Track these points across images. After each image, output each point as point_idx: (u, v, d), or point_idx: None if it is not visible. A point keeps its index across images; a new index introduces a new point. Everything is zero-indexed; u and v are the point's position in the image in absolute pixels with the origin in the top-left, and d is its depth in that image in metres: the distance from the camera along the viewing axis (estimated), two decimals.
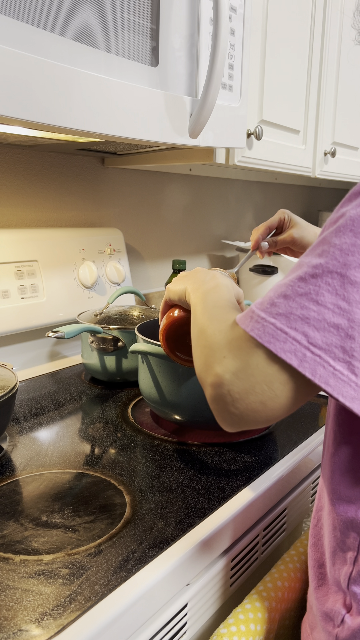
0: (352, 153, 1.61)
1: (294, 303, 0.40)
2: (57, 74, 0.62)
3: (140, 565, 0.53)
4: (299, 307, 0.40)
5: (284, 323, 0.40)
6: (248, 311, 0.44)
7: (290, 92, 1.24)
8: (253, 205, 1.94)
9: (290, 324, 0.40)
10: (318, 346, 0.39)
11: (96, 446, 0.77)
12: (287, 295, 0.41)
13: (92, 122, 0.67)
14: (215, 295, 0.58)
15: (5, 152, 1.11)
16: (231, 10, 0.87)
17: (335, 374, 0.39)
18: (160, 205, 1.52)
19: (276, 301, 0.41)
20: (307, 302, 0.40)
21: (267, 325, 0.41)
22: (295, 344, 0.39)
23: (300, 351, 0.39)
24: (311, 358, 0.39)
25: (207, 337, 0.49)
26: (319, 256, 0.41)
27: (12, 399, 0.73)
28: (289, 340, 0.40)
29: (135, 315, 1.05)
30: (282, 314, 0.40)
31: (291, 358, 0.39)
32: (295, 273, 0.42)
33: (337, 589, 0.55)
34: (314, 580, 0.58)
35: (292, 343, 0.40)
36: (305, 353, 0.39)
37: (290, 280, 0.42)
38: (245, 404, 0.43)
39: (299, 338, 0.39)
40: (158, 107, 0.76)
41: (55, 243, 1.15)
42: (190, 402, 0.76)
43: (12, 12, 0.57)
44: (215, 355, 0.46)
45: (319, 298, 0.39)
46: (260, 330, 0.41)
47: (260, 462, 0.74)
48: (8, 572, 0.51)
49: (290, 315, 0.40)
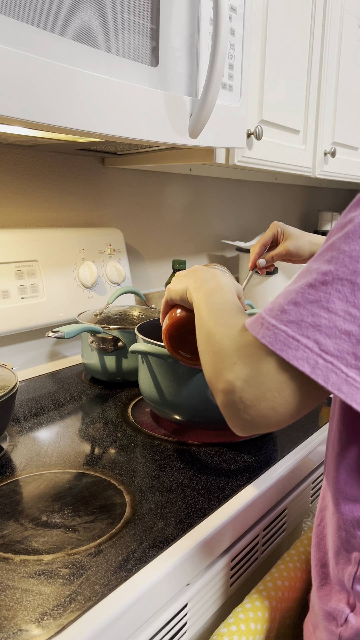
0: (352, 153, 1.61)
1: (305, 310, 0.40)
2: (57, 74, 0.62)
3: (140, 565, 0.53)
4: (310, 314, 0.40)
5: (296, 330, 0.40)
6: (258, 317, 0.44)
7: (290, 92, 1.24)
8: (253, 205, 1.94)
9: (302, 332, 0.40)
10: (330, 353, 0.39)
11: (96, 446, 0.77)
12: (298, 302, 0.41)
13: (92, 122, 0.67)
14: (218, 296, 0.58)
15: (5, 152, 1.11)
16: (231, 10, 0.87)
17: (348, 380, 0.39)
18: (160, 205, 1.52)
19: (287, 308, 0.41)
20: (318, 310, 0.40)
21: (278, 333, 0.41)
22: (308, 352, 0.40)
23: (313, 358, 0.39)
24: (323, 365, 0.39)
25: (215, 343, 0.49)
26: (328, 262, 0.41)
27: (12, 399, 0.73)
28: (301, 347, 0.40)
29: (135, 315, 1.05)
30: (293, 322, 0.41)
31: (304, 365, 0.40)
32: (305, 279, 0.42)
33: (340, 588, 0.55)
34: (316, 580, 0.58)
35: (304, 350, 0.40)
36: (318, 360, 0.39)
37: (300, 287, 0.42)
38: (256, 410, 0.43)
39: (310, 345, 0.40)
40: (158, 107, 0.76)
41: (55, 243, 1.15)
42: (190, 402, 0.76)
43: (12, 12, 0.57)
44: (225, 362, 0.46)
45: (330, 305, 0.40)
46: (272, 337, 0.41)
47: (260, 462, 0.74)
48: (8, 572, 0.51)
49: (302, 322, 0.40)
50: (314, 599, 0.60)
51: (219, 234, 1.79)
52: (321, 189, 2.41)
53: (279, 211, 2.12)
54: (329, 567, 0.57)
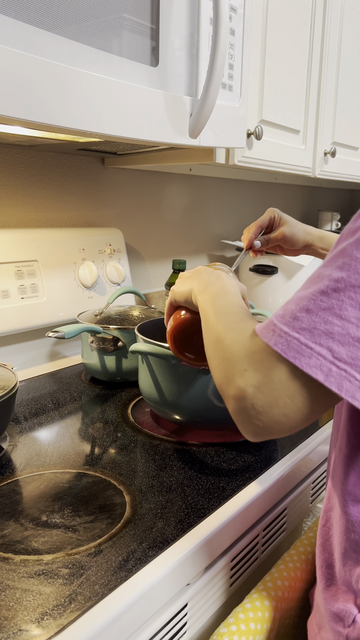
0: (352, 153, 1.61)
1: (318, 317, 0.40)
2: (57, 74, 0.62)
3: (140, 565, 0.53)
4: (322, 321, 0.40)
5: (309, 338, 0.40)
6: (268, 323, 0.44)
7: (290, 92, 1.24)
8: (253, 205, 1.94)
9: (315, 339, 0.40)
10: (343, 360, 0.39)
11: (96, 446, 0.77)
12: (310, 309, 0.41)
13: (92, 122, 0.67)
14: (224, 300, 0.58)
15: (5, 152, 1.11)
16: (231, 10, 0.87)
17: None
18: (160, 205, 1.52)
19: (299, 315, 0.41)
20: (330, 317, 0.40)
21: (291, 340, 0.41)
22: (321, 359, 0.40)
23: (326, 366, 0.39)
24: (337, 372, 0.39)
25: (224, 348, 0.49)
26: (340, 269, 0.41)
27: (12, 399, 0.73)
28: (314, 355, 0.40)
29: (135, 315, 1.05)
30: (305, 329, 0.41)
31: (317, 373, 0.40)
32: (317, 286, 0.42)
33: (347, 589, 0.55)
34: (322, 581, 0.58)
35: (317, 358, 0.40)
36: (331, 368, 0.39)
37: (312, 294, 0.42)
38: (268, 416, 0.43)
39: (324, 353, 0.40)
40: (158, 107, 0.76)
41: (55, 243, 1.15)
42: (190, 402, 0.76)
43: (12, 12, 0.57)
44: (236, 368, 0.46)
45: (343, 312, 0.40)
46: (284, 345, 0.41)
47: (260, 462, 0.74)
48: (8, 572, 0.51)
49: (314, 330, 0.40)
50: (318, 599, 0.60)
51: (219, 234, 1.79)
52: (321, 189, 2.41)
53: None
54: (335, 568, 0.57)
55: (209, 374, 0.75)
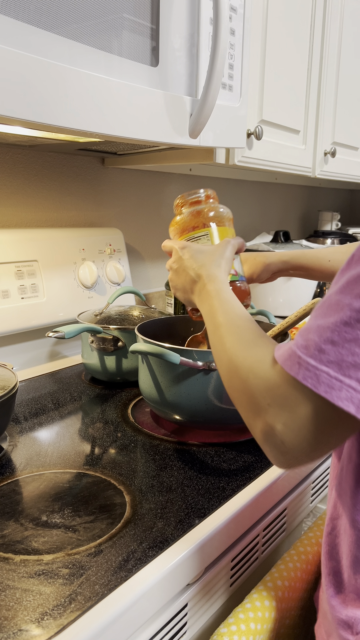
0: (352, 153, 1.61)
1: (344, 350, 0.40)
2: (57, 74, 0.62)
3: (140, 565, 0.53)
4: (349, 353, 0.40)
5: (337, 371, 0.40)
6: (291, 354, 0.43)
7: (290, 92, 1.24)
8: (253, 205, 1.94)
9: (344, 372, 0.40)
10: None
11: (96, 446, 0.77)
12: (335, 341, 0.41)
13: (92, 122, 0.67)
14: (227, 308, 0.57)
15: (5, 152, 1.11)
16: (231, 10, 0.87)
17: None
18: (160, 205, 1.52)
19: (324, 347, 0.41)
20: (356, 348, 0.40)
21: (320, 374, 0.41)
22: (351, 391, 0.40)
23: (357, 397, 0.39)
24: None
25: (243, 381, 0.49)
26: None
27: (12, 399, 0.73)
28: (344, 388, 0.40)
29: (135, 315, 1.05)
30: (333, 362, 0.40)
31: (348, 406, 0.40)
32: (338, 315, 0.41)
33: (356, 597, 0.55)
34: (329, 588, 0.58)
35: (347, 390, 0.40)
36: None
37: (334, 325, 0.41)
38: (298, 450, 0.44)
39: (354, 385, 0.40)
40: (158, 107, 0.76)
41: (55, 243, 1.15)
42: (190, 402, 0.76)
43: (11, 12, 0.57)
44: (259, 403, 0.46)
45: None
46: (314, 379, 0.41)
47: (260, 462, 0.74)
48: (8, 572, 0.51)
49: (342, 362, 0.40)
50: (325, 606, 0.59)
51: None
52: (321, 189, 2.41)
53: (279, 211, 2.12)
54: (343, 575, 0.57)
55: (209, 373, 0.75)
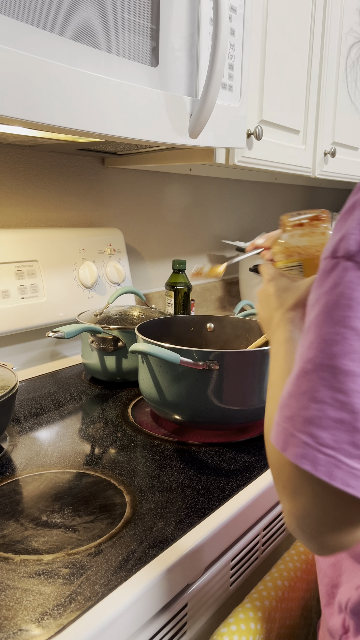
0: (352, 153, 1.61)
1: (298, 403, 0.37)
2: (57, 74, 0.62)
3: (140, 565, 0.53)
4: (302, 407, 0.37)
5: (293, 426, 0.37)
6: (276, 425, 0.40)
7: (290, 92, 1.24)
8: (253, 205, 1.94)
9: (296, 426, 0.37)
10: (328, 446, 0.35)
11: (96, 446, 0.77)
12: (292, 394, 0.38)
13: (92, 122, 0.67)
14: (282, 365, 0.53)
15: (5, 152, 1.11)
16: (231, 10, 0.87)
17: (354, 472, 0.35)
18: (160, 205, 1.52)
19: (287, 402, 0.38)
20: (307, 401, 0.37)
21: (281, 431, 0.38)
22: (306, 448, 0.36)
23: (311, 454, 0.36)
24: (324, 460, 0.35)
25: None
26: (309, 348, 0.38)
27: (12, 399, 0.73)
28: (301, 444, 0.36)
29: (135, 315, 1.05)
30: (290, 417, 0.37)
31: (304, 462, 0.36)
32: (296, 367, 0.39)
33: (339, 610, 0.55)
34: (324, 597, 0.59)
35: (302, 447, 0.36)
36: (317, 455, 0.35)
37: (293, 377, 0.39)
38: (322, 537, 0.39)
39: (308, 441, 0.36)
40: (158, 107, 0.76)
41: (55, 243, 1.15)
42: (190, 402, 0.76)
43: (12, 12, 0.57)
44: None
45: (317, 394, 0.36)
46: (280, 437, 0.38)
47: (260, 462, 0.74)
48: (8, 572, 0.51)
49: (296, 417, 0.37)
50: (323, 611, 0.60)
51: (219, 234, 1.79)
52: (321, 189, 2.41)
53: (279, 211, 2.12)
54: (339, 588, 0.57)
55: (209, 373, 0.75)
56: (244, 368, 0.76)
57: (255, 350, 0.76)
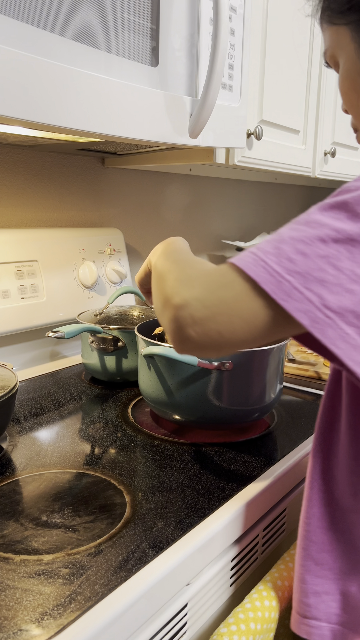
0: (352, 153, 1.61)
1: (313, 264, 0.40)
2: (57, 74, 0.62)
3: (140, 565, 0.53)
4: (317, 268, 0.40)
5: (301, 282, 0.40)
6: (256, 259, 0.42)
7: (290, 92, 1.24)
8: (253, 205, 1.94)
9: (307, 284, 0.40)
10: (332, 309, 0.39)
11: (96, 446, 0.77)
12: (307, 254, 0.40)
13: (92, 122, 0.67)
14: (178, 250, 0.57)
15: (5, 152, 1.11)
16: (231, 10, 0.87)
17: (345, 337, 0.39)
18: (160, 205, 1.52)
19: (294, 258, 0.41)
20: (325, 265, 0.40)
21: (282, 282, 0.40)
22: (310, 305, 0.40)
23: (313, 312, 0.39)
24: (323, 320, 0.39)
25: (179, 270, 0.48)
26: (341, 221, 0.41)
27: (12, 399, 0.73)
28: (304, 300, 0.40)
29: (135, 315, 1.05)
30: (299, 273, 0.40)
31: (303, 317, 0.40)
32: (315, 232, 0.41)
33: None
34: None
35: (306, 303, 0.40)
36: (317, 314, 0.39)
37: (309, 239, 0.41)
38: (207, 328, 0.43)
39: (314, 299, 0.40)
40: (158, 107, 0.76)
41: (55, 243, 1.15)
42: (190, 402, 0.76)
43: (12, 12, 0.57)
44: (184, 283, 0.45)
45: (338, 263, 0.40)
46: (274, 284, 0.40)
47: (260, 462, 0.74)
48: (8, 572, 0.51)
49: (308, 275, 0.40)
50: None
51: (219, 234, 1.79)
52: (321, 189, 2.41)
53: (279, 211, 2.12)
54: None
55: (209, 373, 0.75)
56: (254, 367, 0.76)
57: (267, 349, 0.76)
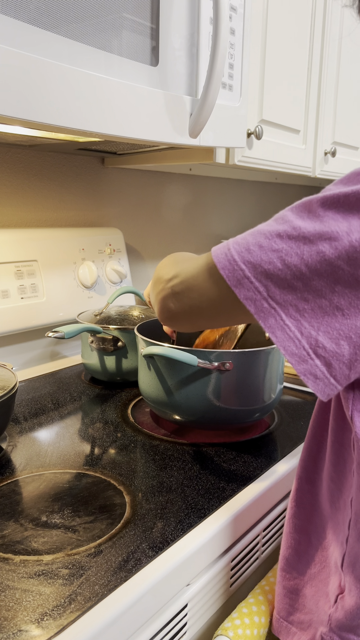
0: (352, 153, 1.61)
1: (265, 256, 0.44)
2: (56, 74, 0.61)
3: (140, 565, 0.52)
4: (268, 261, 0.44)
5: (252, 272, 0.44)
6: (224, 245, 0.47)
7: (290, 91, 1.24)
8: (253, 205, 1.94)
9: (257, 275, 0.44)
10: (275, 300, 0.44)
11: (96, 446, 0.77)
12: (262, 246, 0.44)
13: (92, 122, 0.67)
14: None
15: (5, 152, 1.11)
16: (231, 9, 0.87)
17: (284, 328, 0.43)
18: (160, 205, 1.52)
19: (251, 249, 0.45)
20: (276, 259, 0.43)
21: (236, 270, 0.45)
22: (257, 294, 0.44)
23: (259, 301, 0.44)
24: (267, 309, 0.44)
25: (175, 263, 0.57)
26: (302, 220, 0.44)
27: (12, 399, 0.73)
28: (252, 289, 0.44)
29: (135, 315, 1.05)
30: (251, 263, 0.44)
31: (250, 305, 0.44)
32: (277, 227, 0.45)
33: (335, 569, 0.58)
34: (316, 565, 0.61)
35: (254, 292, 0.44)
36: (263, 304, 0.44)
37: (269, 233, 0.45)
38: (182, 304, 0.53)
39: (261, 289, 0.44)
40: (158, 106, 0.76)
41: (55, 243, 1.15)
42: (190, 402, 0.76)
43: (12, 12, 0.57)
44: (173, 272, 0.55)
45: (287, 259, 0.43)
46: (229, 271, 0.45)
47: (260, 462, 0.74)
48: (8, 572, 0.51)
49: (259, 266, 0.44)
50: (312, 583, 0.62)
51: (219, 234, 1.79)
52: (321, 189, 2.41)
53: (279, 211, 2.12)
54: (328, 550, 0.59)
55: (209, 373, 0.75)
56: (254, 367, 0.76)
57: (267, 349, 0.76)
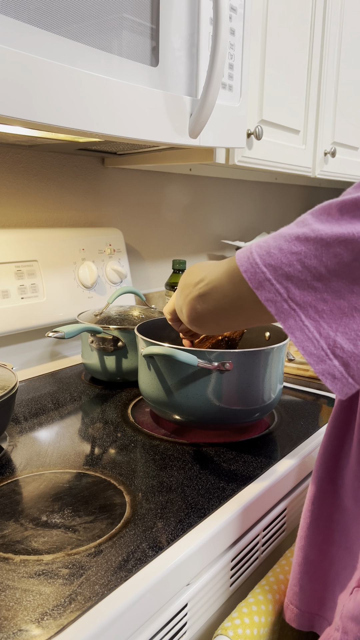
0: (352, 153, 1.61)
1: (285, 259, 0.45)
2: (57, 74, 0.62)
3: (140, 565, 0.53)
4: (288, 263, 0.45)
5: (272, 275, 0.45)
6: (248, 247, 0.49)
7: (290, 91, 1.24)
8: (253, 205, 1.94)
9: (277, 277, 0.45)
10: (296, 302, 0.45)
11: (96, 446, 0.77)
12: (283, 249, 0.45)
13: (92, 122, 0.67)
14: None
15: (5, 152, 1.11)
16: (231, 10, 0.87)
17: (304, 329, 0.44)
18: (160, 205, 1.52)
19: (272, 252, 0.46)
20: (295, 261, 0.44)
21: (258, 272, 0.46)
22: (278, 296, 0.45)
23: (279, 302, 0.45)
24: (287, 310, 0.45)
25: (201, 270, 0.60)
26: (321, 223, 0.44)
27: (12, 399, 0.73)
28: (273, 290, 0.45)
29: (135, 315, 1.05)
30: (272, 265, 0.45)
31: (270, 306, 0.45)
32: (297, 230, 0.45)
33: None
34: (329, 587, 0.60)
35: (274, 294, 0.45)
36: (283, 305, 0.45)
37: (289, 236, 0.46)
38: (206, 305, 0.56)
39: (281, 291, 0.45)
40: (158, 107, 0.76)
41: (55, 243, 1.15)
42: (190, 402, 0.76)
43: (12, 12, 0.57)
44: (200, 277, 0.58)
45: (306, 261, 0.44)
46: (252, 274, 0.47)
47: (260, 462, 0.74)
48: (8, 572, 0.51)
49: (279, 269, 0.45)
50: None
51: (219, 234, 1.79)
52: (321, 189, 2.41)
53: (279, 211, 2.12)
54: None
55: (209, 373, 0.75)
56: (254, 367, 0.76)
57: (267, 348, 0.76)
